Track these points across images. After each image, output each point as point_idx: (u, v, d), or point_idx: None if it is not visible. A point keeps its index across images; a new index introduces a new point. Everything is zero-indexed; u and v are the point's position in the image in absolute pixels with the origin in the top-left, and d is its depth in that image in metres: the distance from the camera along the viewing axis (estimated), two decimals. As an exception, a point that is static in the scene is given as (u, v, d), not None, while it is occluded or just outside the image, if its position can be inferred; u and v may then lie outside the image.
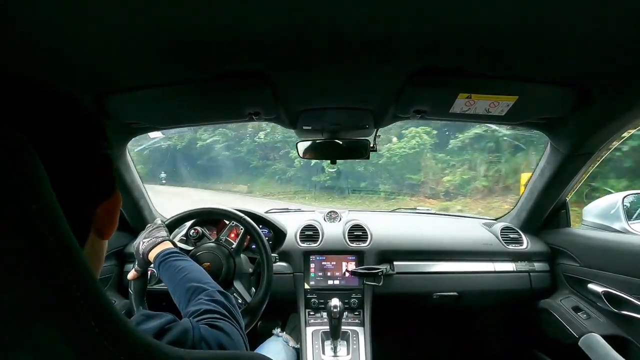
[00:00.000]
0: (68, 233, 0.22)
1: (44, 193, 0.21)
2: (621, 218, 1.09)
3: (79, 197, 0.29)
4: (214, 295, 0.56)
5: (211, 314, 0.49)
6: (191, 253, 0.96)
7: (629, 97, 0.77)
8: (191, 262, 0.71)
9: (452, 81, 0.75)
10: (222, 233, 1.33)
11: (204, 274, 0.66)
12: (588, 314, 1.10)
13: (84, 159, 0.29)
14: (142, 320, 0.39)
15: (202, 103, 0.85)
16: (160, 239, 0.79)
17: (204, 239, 1.32)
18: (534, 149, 4.48)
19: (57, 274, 0.20)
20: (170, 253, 0.73)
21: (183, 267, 0.68)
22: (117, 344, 0.23)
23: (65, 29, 0.52)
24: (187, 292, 0.60)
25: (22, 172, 0.20)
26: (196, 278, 0.63)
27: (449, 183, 6.88)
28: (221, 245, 1.00)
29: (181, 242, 1.25)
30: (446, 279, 1.26)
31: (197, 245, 1.04)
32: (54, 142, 0.26)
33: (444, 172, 7.11)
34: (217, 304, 0.53)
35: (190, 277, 0.64)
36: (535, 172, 1.22)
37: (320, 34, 0.57)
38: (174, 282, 0.65)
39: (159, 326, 0.38)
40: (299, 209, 1.72)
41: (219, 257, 0.94)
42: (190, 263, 0.71)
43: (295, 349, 1.17)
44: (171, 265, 0.69)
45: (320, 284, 1.25)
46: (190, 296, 0.59)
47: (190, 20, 0.52)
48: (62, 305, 0.20)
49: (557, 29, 0.56)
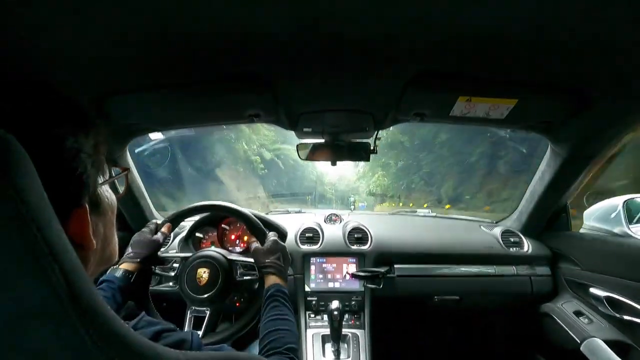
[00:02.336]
0: (59, 234, 0.21)
1: (34, 192, 0.20)
2: (622, 222, 1.09)
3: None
4: None
5: None
6: (190, 259, 0.95)
7: (628, 100, 0.77)
8: (292, 316, 0.74)
9: (452, 84, 0.75)
10: (222, 236, 1.33)
11: (294, 336, 0.69)
12: (590, 319, 1.09)
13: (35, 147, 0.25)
14: (142, 326, 0.39)
15: (203, 105, 0.85)
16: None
17: (203, 243, 1.32)
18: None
19: (49, 277, 0.20)
20: (283, 293, 0.78)
21: (286, 318, 0.72)
22: (111, 345, 0.23)
23: (66, 31, 0.53)
24: (269, 342, 0.65)
25: (8, 173, 0.19)
26: (287, 340, 0.66)
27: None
28: (220, 250, 1.00)
29: (180, 245, 1.25)
30: (447, 282, 1.26)
31: (196, 250, 1.04)
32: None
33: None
34: None
35: (283, 335, 0.67)
36: (536, 176, 1.22)
37: (320, 36, 0.58)
38: (271, 326, 0.69)
39: (156, 330, 0.38)
40: (299, 211, 1.72)
41: (218, 260, 0.94)
42: (292, 317, 0.74)
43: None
44: (278, 306, 0.74)
45: (321, 286, 1.25)
46: (267, 348, 0.63)
47: (190, 23, 0.53)
48: (54, 307, 0.20)
49: (556, 34, 0.56)
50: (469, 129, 7.84)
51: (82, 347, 0.21)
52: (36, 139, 0.26)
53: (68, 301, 0.21)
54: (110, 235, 0.39)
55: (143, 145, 1.97)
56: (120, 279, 0.79)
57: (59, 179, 0.28)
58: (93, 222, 0.33)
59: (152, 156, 3.05)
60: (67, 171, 0.29)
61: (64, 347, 0.21)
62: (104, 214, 0.37)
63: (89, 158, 0.31)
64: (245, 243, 1.32)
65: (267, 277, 0.85)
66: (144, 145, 1.98)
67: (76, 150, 0.30)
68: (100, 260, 0.37)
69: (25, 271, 0.19)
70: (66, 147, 0.28)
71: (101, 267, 0.39)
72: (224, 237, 1.33)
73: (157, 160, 3.41)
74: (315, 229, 1.36)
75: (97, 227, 0.35)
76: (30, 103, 0.27)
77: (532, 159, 1.19)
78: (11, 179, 0.19)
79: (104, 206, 0.37)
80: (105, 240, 0.37)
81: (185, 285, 0.91)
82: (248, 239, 1.32)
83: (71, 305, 0.21)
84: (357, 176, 19.04)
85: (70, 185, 0.29)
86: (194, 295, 0.90)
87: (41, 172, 0.23)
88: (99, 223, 0.36)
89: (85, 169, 0.30)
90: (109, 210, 0.38)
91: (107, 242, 0.38)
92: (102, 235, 0.36)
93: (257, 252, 0.92)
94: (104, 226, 0.37)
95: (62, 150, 0.28)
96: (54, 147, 0.28)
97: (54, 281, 0.20)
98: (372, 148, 1.13)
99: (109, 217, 0.38)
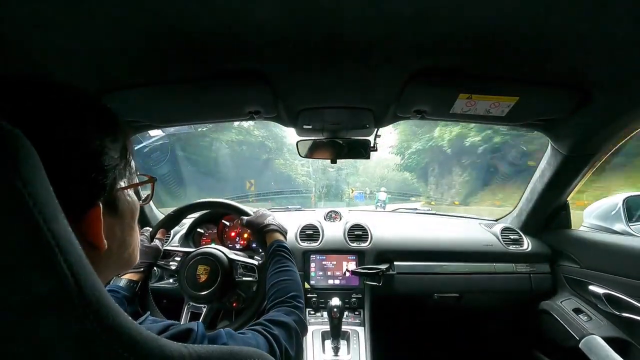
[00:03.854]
0: (65, 227, 0.22)
1: (40, 186, 0.21)
2: (622, 220, 1.09)
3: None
4: (287, 316, 0.61)
5: (265, 327, 0.54)
6: (191, 254, 0.95)
7: (629, 98, 0.77)
8: (294, 267, 0.79)
9: (452, 81, 0.75)
10: (222, 232, 1.34)
11: (297, 284, 0.73)
12: (589, 316, 1.10)
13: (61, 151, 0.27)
14: (149, 323, 0.40)
15: (202, 101, 0.85)
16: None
17: (204, 239, 1.33)
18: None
19: (54, 269, 0.20)
20: (285, 247, 0.83)
21: (289, 269, 0.77)
22: (116, 338, 0.23)
23: (64, 27, 0.52)
24: (274, 293, 0.69)
25: (15, 165, 0.19)
26: (290, 289, 0.70)
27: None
28: (222, 247, 1.00)
29: (181, 242, 1.25)
30: (447, 280, 1.26)
31: (197, 247, 1.04)
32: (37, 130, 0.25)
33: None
34: (280, 325, 0.57)
35: (286, 285, 0.71)
36: (536, 173, 1.22)
37: (320, 33, 0.57)
38: (275, 278, 0.73)
39: (163, 325, 0.39)
40: (299, 209, 1.72)
41: (218, 258, 0.94)
42: (294, 268, 0.79)
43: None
44: (281, 260, 0.79)
45: (321, 283, 1.25)
46: (272, 298, 0.68)
47: (190, 19, 0.52)
48: (60, 299, 0.21)
49: (557, 30, 0.56)
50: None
51: (86, 337, 0.22)
52: (51, 138, 0.27)
53: (74, 292, 0.21)
54: (128, 238, 0.38)
55: (143, 142, 1.97)
56: (125, 289, 0.79)
57: (74, 178, 0.28)
58: (108, 223, 0.33)
59: (153, 153, 3.05)
60: (83, 171, 0.29)
61: (68, 338, 0.21)
62: (122, 216, 0.36)
63: (111, 161, 0.32)
64: (245, 240, 1.33)
65: (269, 235, 0.89)
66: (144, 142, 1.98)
67: (97, 152, 0.30)
68: (117, 262, 0.37)
69: (33, 262, 0.20)
70: (87, 149, 0.30)
71: (120, 269, 0.40)
72: (224, 234, 1.34)
73: (157, 157, 3.41)
74: (315, 226, 1.36)
75: (112, 229, 0.35)
76: (47, 102, 0.28)
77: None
78: (18, 172, 0.19)
79: (123, 209, 0.36)
80: (123, 243, 0.37)
81: (185, 281, 0.91)
82: (248, 236, 1.32)
83: (77, 297, 0.21)
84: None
85: (85, 184, 0.30)
86: (192, 291, 0.90)
87: (55, 169, 0.24)
88: (116, 225, 0.35)
89: (103, 170, 0.31)
90: (128, 214, 0.37)
91: (125, 245, 0.38)
92: (118, 237, 0.36)
93: (251, 221, 0.94)
94: (122, 229, 0.37)
95: (81, 151, 0.29)
96: (70, 148, 0.28)
97: (61, 273, 0.21)
98: (372, 145, 1.13)
99: (127, 221, 0.38)
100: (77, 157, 0.29)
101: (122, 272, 0.40)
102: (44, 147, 0.23)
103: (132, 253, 0.40)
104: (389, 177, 16.66)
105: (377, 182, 17.54)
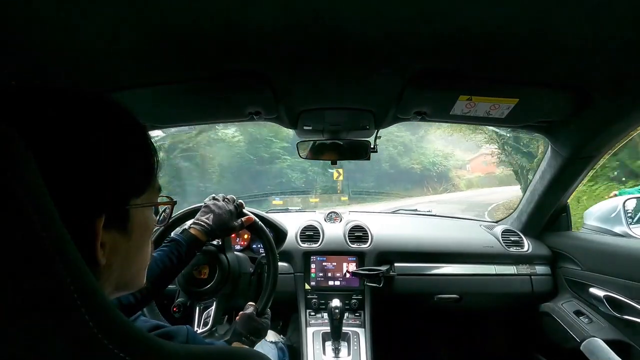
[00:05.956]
0: (61, 228, 0.22)
1: (37, 189, 0.21)
2: (622, 222, 1.09)
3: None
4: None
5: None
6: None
7: (629, 100, 0.77)
8: None
9: (452, 83, 0.75)
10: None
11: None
12: (590, 318, 1.10)
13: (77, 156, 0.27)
14: (140, 322, 0.39)
15: (203, 102, 0.86)
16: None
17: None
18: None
19: (51, 269, 0.20)
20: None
21: None
22: (112, 338, 0.23)
23: (65, 28, 0.53)
24: None
25: (12, 166, 0.20)
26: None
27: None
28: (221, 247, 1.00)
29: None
30: (447, 281, 1.26)
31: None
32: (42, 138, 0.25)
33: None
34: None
35: None
36: (536, 175, 1.22)
37: (320, 34, 0.58)
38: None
39: (153, 324, 0.39)
40: (299, 209, 1.73)
41: (218, 259, 0.94)
42: None
43: (289, 348, 1.15)
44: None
45: (321, 284, 1.25)
46: None
47: (191, 20, 0.53)
48: (56, 299, 0.21)
49: (557, 33, 0.56)
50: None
51: (84, 339, 0.22)
52: (54, 144, 0.26)
53: (70, 294, 0.21)
54: (133, 257, 0.35)
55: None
56: (190, 243, 0.77)
57: (75, 187, 0.27)
58: (112, 239, 0.31)
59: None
60: (84, 182, 0.28)
61: (65, 339, 0.21)
62: (131, 235, 0.33)
63: (121, 176, 0.31)
64: (245, 241, 1.33)
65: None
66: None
67: (103, 166, 0.29)
68: (117, 281, 0.34)
69: (30, 264, 0.20)
70: (96, 160, 0.29)
71: (119, 290, 0.36)
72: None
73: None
74: (316, 227, 1.36)
75: (116, 246, 0.32)
76: (64, 111, 0.28)
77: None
78: (16, 174, 0.20)
79: (133, 227, 0.33)
80: (126, 261, 0.34)
81: (183, 277, 0.91)
82: (248, 237, 1.32)
83: (73, 298, 0.21)
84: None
85: (85, 195, 0.28)
86: (191, 288, 0.90)
87: (54, 175, 0.24)
88: (122, 243, 0.33)
89: (107, 184, 0.30)
90: (138, 233, 0.34)
91: (128, 263, 0.35)
92: (122, 256, 0.33)
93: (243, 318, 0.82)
94: (127, 248, 0.33)
95: (88, 161, 0.28)
96: (81, 156, 0.28)
97: (59, 274, 0.21)
98: (372, 147, 1.13)
99: (136, 241, 0.34)
100: (80, 167, 0.28)
101: (121, 294, 0.37)
102: (47, 153, 0.23)
103: (136, 275, 0.37)
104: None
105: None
